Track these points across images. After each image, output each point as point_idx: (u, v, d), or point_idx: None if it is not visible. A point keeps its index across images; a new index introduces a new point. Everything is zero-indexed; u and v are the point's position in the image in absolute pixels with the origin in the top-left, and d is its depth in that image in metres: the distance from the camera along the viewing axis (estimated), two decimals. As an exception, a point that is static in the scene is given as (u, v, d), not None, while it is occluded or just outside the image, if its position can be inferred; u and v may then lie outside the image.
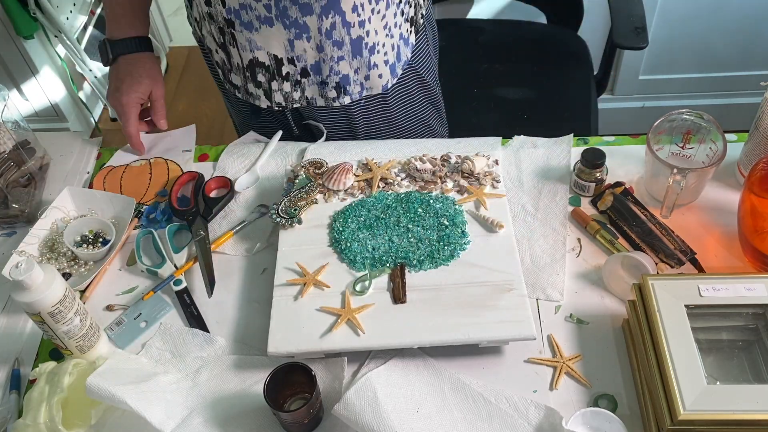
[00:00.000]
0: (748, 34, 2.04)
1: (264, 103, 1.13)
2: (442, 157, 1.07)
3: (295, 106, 1.13)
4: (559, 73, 1.71)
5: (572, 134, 1.14)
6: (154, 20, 2.71)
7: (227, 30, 1.03)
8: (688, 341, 0.77)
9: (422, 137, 1.23)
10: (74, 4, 2.20)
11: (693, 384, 0.74)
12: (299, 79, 1.08)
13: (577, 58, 1.72)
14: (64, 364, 0.87)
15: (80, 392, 0.83)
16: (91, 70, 2.20)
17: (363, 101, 1.13)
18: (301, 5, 0.98)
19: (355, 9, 1.00)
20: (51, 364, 0.88)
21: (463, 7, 2.09)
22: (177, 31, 2.86)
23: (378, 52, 1.07)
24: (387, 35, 1.07)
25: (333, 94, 1.10)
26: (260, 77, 1.09)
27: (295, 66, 1.06)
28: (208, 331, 0.94)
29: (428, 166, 1.04)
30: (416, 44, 1.14)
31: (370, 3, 1.01)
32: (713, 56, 2.12)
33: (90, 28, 2.32)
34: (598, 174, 1.03)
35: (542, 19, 1.86)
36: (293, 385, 0.84)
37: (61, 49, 2.19)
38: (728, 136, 1.03)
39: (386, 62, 1.09)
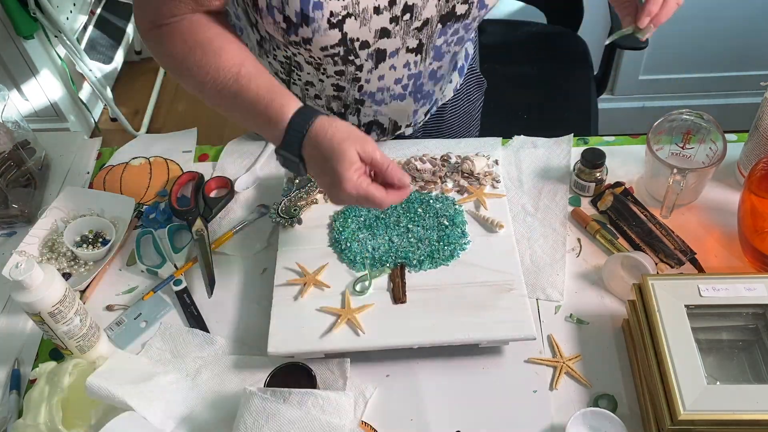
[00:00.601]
0: (748, 34, 2.04)
1: None
2: (442, 157, 1.07)
3: (383, 140, 1.13)
4: (559, 73, 1.71)
5: (572, 134, 1.14)
6: (154, 20, 2.70)
7: (354, 106, 1.03)
8: (688, 341, 0.77)
9: (468, 130, 1.26)
10: (74, 4, 2.20)
11: (693, 384, 0.74)
12: (404, 132, 1.11)
13: (577, 58, 1.72)
14: (64, 364, 0.87)
15: (80, 392, 0.83)
16: (91, 70, 2.20)
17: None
18: (437, 78, 1.00)
19: (467, 56, 1.05)
20: (51, 364, 0.88)
21: (463, 7, 2.09)
22: (177, 31, 2.86)
23: (458, 63, 1.11)
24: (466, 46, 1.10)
25: (423, 118, 1.12)
26: (373, 135, 1.09)
27: (411, 127, 1.09)
28: (208, 331, 0.94)
29: (428, 166, 1.04)
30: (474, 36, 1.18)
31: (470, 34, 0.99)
32: (713, 56, 2.12)
33: (90, 28, 2.32)
34: (598, 174, 1.03)
35: (542, 19, 1.86)
36: (293, 385, 0.84)
37: (61, 49, 2.19)
38: (728, 136, 1.03)
39: (455, 66, 1.11)
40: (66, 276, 1.02)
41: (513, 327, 0.85)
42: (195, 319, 0.96)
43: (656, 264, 0.96)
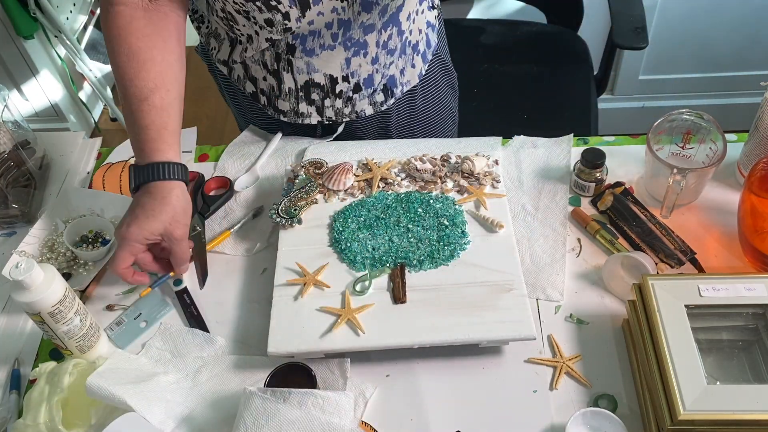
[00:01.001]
0: (748, 34, 2.04)
1: (315, 120, 1.12)
2: (442, 157, 1.07)
3: (344, 120, 1.13)
4: (559, 73, 1.71)
5: (572, 134, 1.14)
6: (154, 20, 2.70)
7: (285, 56, 1.02)
8: (688, 341, 0.77)
9: (445, 122, 1.25)
10: (74, 4, 2.20)
11: (693, 384, 0.74)
12: (351, 95, 1.09)
13: (577, 58, 1.72)
14: (64, 364, 0.87)
15: (80, 392, 0.83)
16: (91, 70, 2.20)
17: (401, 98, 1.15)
18: (366, 27, 0.99)
19: (408, 17, 1.03)
20: (51, 364, 0.88)
21: (463, 7, 2.09)
22: (177, 31, 2.85)
23: (418, 46, 1.10)
24: (422, 28, 1.09)
25: (381, 98, 1.11)
26: (314, 96, 1.08)
27: (349, 83, 1.07)
28: (208, 331, 0.94)
29: (428, 166, 1.04)
30: (438, 28, 1.16)
31: (417, 4, 1.04)
32: (713, 56, 2.12)
33: (90, 28, 2.32)
34: (598, 174, 1.03)
35: (542, 19, 1.86)
36: (293, 385, 0.84)
37: (61, 49, 2.19)
38: (728, 136, 1.03)
39: (418, 52, 1.11)
40: (66, 276, 1.02)
41: (513, 327, 0.85)
42: (195, 319, 0.96)
43: (656, 264, 0.96)
